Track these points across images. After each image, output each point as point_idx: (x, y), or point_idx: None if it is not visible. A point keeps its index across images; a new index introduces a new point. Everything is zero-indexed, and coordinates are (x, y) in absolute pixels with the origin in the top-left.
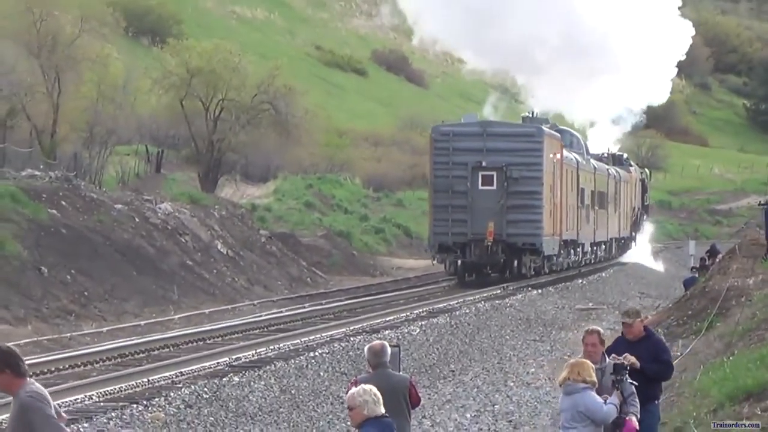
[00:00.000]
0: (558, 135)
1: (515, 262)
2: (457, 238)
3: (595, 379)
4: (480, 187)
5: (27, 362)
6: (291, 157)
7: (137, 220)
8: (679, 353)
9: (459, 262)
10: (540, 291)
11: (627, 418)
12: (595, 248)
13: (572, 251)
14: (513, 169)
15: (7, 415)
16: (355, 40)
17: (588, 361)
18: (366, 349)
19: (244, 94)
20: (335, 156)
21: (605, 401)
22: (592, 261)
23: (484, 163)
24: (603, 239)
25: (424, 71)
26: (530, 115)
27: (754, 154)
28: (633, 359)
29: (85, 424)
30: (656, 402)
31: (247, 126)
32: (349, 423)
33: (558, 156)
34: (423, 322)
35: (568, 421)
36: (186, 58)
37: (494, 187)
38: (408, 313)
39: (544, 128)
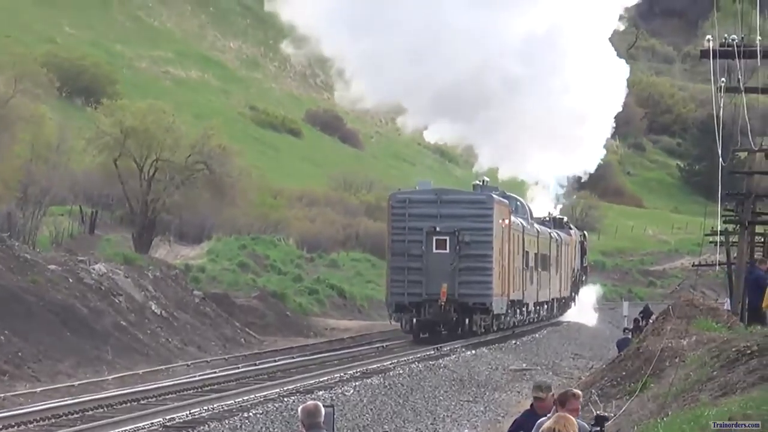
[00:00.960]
0: (506, 201)
1: (467, 321)
2: (413, 298)
3: None
4: (434, 250)
5: None
6: (225, 218)
7: (71, 280)
8: (613, 414)
9: (414, 320)
10: (474, 352)
11: None
12: (538, 308)
13: (518, 310)
14: (465, 234)
15: None
16: (290, 100)
17: (572, 417)
18: (300, 409)
19: (179, 154)
20: (269, 216)
21: None
22: (536, 320)
23: (437, 228)
24: (545, 299)
25: (359, 131)
26: (481, 183)
27: (687, 215)
28: None
29: None
30: None
31: (181, 186)
32: None
33: (506, 221)
34: (357, 383)
35: None
36: (120, 117)
37: (447, 250)
38: (342, 374)
39: (494, 195)
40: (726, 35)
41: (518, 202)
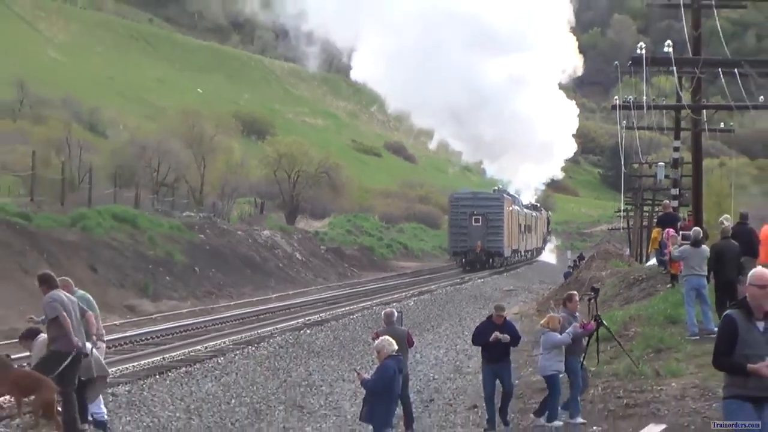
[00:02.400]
0: (510, 198)
1: (491, 261)
2: (462, 248)
3: (558, 327)
4: (473, 224)
5: (187, 323)
6: (338, 204)
7: (250, 241)
8: (562, 315)
9: (463, 260)
10: (482, 280)
11: (587, 324)
12: (526, 253)
13: (516, 254)
14: (489, 215)
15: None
16: (375, 136)
17: (557, 316)
18: (382, 313)
19: (311, 168)
20: (363, 203)
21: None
22: (524, 260)
23: (475, 212)
24: (530, 248)
25: (415, 154)
26: (497, 188)
27: (605, 200)
28: (507, 336)
29: (221, 358)
30: (510, 358)
31: (312, 186)
32: (374, 357)
33: (510, 208)
34: (415, 298)
35: (541, 350)
36: (277, 147)
37: (480, 224)
38: (406, 293)
39: (505, 195)
40: (626, 96)
41: (516, 197)
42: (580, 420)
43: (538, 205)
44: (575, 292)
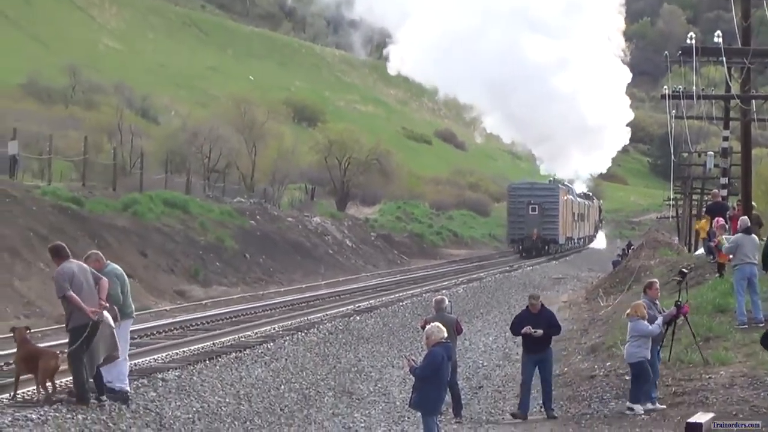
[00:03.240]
0: (565, 188)
1: (546, 247)
2: (520, 236)
3: (645, 314)
4: (530, 213)
5: (237, 309)
6: (388, 191)
7: (300, 227)
8: (610, 303)
9: (520, 247)
10: (531, 268)
11: (683, 305)
12: (579, 240)
13: (570, 241)
14: (545, 204)
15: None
16: (425, 123)
17: (642, 303)
18: (433, 300)
19: (361, 154)
20: (414, 190)
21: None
22: (578, 246)
23: (532, 201)
24: (583, 236)
25: (465, 141)
26: (552, 179)
27: (653, 189)
28: (540, 332)
29: (271, 344)
30: (551, 347)
31: (363, 173)
32: (422, 343)
33: (565, 198)
34: (464, 286)
35: (629, 337)
36: (328, 134)
37: (537, 213)
38: (456, 280)
39: (559, 185)
40: (676, 86)
41: (570, 188)
42: (639, 408)
43: (591, 194)
44: (656, 280)
